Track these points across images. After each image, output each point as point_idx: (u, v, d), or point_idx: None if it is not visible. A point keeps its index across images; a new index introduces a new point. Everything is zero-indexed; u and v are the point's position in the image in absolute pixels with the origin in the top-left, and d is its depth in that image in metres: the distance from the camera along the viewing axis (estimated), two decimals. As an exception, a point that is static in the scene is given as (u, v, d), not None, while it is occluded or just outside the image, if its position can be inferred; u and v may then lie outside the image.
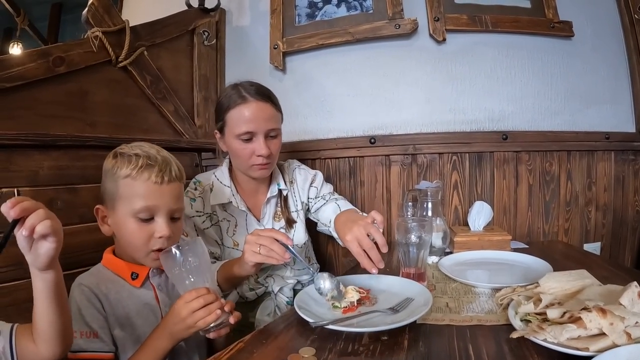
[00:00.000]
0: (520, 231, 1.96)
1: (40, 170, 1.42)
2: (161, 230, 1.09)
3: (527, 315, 0.88)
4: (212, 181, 1.59)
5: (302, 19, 2.09)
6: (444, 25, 1.92)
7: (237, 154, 1.50)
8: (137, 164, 1.08)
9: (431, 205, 1.59)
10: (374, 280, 1.21)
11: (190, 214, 1.51)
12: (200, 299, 0.99)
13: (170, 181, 1.12)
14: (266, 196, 1.61)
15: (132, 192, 1.09)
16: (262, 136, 1.46)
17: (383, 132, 1.99)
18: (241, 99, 1.46)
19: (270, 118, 1.49)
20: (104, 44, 1.66)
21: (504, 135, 1.91)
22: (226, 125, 1.50)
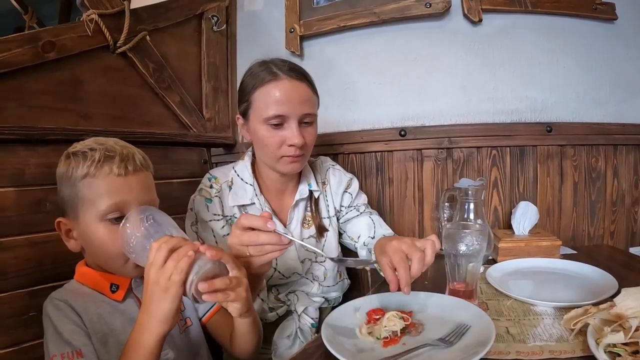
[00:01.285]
0: (564, 234, 1.81)
1: (26, 169, 1.32)
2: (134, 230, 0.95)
3: (613, 346, 0.72)
4: (230, 177, 1.39)
5: (320, 0, 1.94)
6: (479, 4, 1.76)
7: (263, 142, 1.28)
8: (93, 159, 0.96)
9: (473, 207, 1.39)
10: (414, 300, 1.04)
11: (206, 218, 1.32)
12: (162, 246, 0.82)
13: (135, 171, 0.99)
14: (294, 198, 1.42)
15: (94, 192, 0.96)
16: (295, 121, 1.25)
17: (414, 123, 1.84)
18: (272, 75, 1.24)
19: (306, 100, 1.28)
20: (100, 28, 1.52)
21: (549, 127, 1.76)
22: (252, 107, 1.28)
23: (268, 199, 1.40)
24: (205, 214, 1.32)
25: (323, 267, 1.47)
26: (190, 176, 1.82)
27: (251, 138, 1.36)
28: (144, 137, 1.65)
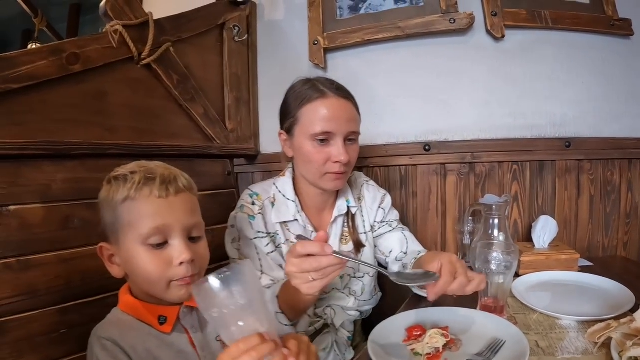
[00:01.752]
0: (580, 245, 1.90)
1: (52, 184, 1.33)
2: (180, 254, 0.96)
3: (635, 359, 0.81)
4: (272, 194, 1.43)
5: (344, 12, 2.01)
6: (502, 21, 1.84)
7: (308, 158, 1.32)
8: (134, 182, 0.96)
9: (498, 222, 1.51)
10: (450, 316, 1.13)
11: (250, 236, 1.35)
12: (252, 353, 0.74)
13: (177, 192, 0.99)
14: (332, 214, 1.47)
15: (134, 216, 0.96)
16: (341, 139, 1.30)
17: (438, 138, 1.92)
18: (319, 93, 1.31)
19: (352, 119, 1.34)
20: (125, 39, 1.55)
21: (567, 143, 1.85)
22: (298, 123, 1.33)
23: (308, 215, 1.44)
24: (249, 232, 1.35)
25: (361, 283, 1.52)
26: (214, 188, 1.86)
27: (294, 154, 1.40)
28: (170, 151, 1.70)
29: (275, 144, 2.00)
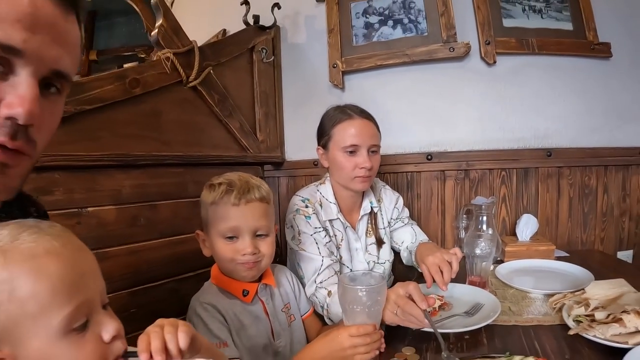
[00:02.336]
0: (561, 240, 2.27)
1: (122, 189, 1.62)
2: (244, 248, 1.30)
3: (578, 316, 1.18)
4: (319, 198, 1.80)
5: (359, 39, 2.38)
6: (494, 49, 2.21)
7: (341, 166, 1.72)
8: (219, 191, 1.30)
9: (486, 219, 1.87)
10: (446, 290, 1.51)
11: (310, 232, 1.69)
12: (366, 337, 1.08)
13: (248, 202, 1.30)
14: (360, 213, 1.88)
15: (217, 216, 1.31)
16: (365, 150, 1.69)
17: (438, 149, 2.29)
18: (347, 116, 1.71)
19: (373, 135, 1.73)
20: (175, 65, 1.83)
21: (548, 152, 2.21)
22: (332, 139, 1.73)
23: (344, 214, 1.83)
24: (308, 229, 1.69)
25: (382, 267, 1.91)
26: (249, 191, 2.23)
27: (329, 164, 1.79)
28: (213, 160, 2.03)
29: (297, 152, 2.46)
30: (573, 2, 2.27)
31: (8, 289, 0.61)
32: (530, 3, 2.29)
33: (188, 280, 1.82)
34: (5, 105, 0.66)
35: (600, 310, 1.14)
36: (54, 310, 0.63)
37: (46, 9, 0.68)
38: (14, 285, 0.62)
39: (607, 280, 1.34)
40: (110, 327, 0.70)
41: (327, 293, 1.59)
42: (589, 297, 1.23)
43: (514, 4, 2.29)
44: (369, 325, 1.11)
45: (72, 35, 0.74)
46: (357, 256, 1.86)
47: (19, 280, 0.62)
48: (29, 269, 0.63)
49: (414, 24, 2.32)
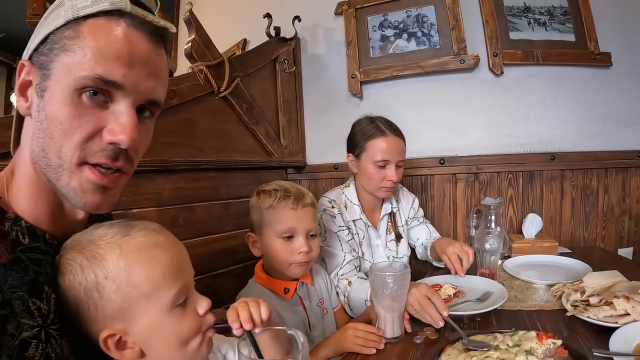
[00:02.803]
0: (564, 238, 2.45)
1: (163, 192, 1.76)
2: (301, 247, 1.45)
3: (575, 301, 1.35)
4: (344, 200, 1.99)
5: (376, 51, 2.58)
6: (501, 60, 2.41)
7: (370, 177, 1.91)
8: (276, 197, 1.46)
9: (494, 218, 2.09)
10: (459, 280, 1.72)
11: (334, 230, 1.88)
12: (369, 335, 1.29)
13: (304, 206, 1.47)
14: (381, 213, 2.08)
15: (274, 219, 1.46)
16: (394, 165, 1.88)
17: (450, 153, 2.50)
18: (381, 132, 1.88)
19: (402, 151, 1.93)
20: (208, 77, 1.98)
21: (552, 157, 2.41)
22: (365, 151, 1.91)
23: (366, 215, 2.03)
24: (334, 227, 1.88)
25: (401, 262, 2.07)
26: (274, 194, 2.40)
27: (358, 172, 1.97)
28: (243, 164, 2.22)
29: (318, 156, 2.67)
30: (575, 15, 2.45)
31: (126, 275, 0.77)
32: (535, 16, 2.48)
33: (221, 276, 1.98)
34: (109, 132, 0.76)
35: (594, 296, 1.33)
36: (164, 291, 0.80)
37: (141, 45, 0.78)
38: (131, 272, 0.77)
39: (603, 272, 1.53)
40: (204, 303, 0.86)
41: (347, 283, 1.79)
42: (585, 286, 1.42)
43: (520, 18, 2.48)
44: (375, 328, 1.32)
45: (162, 67, 0.84)
46: (378, 252, 2.08)
47: (135, 268, 0.77)
48: (144, 258, 0.79)
49: (427, 37, 2.53)
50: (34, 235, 0.79)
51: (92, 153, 0.77)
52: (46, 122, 0.75)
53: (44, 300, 0.76)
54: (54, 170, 0.77)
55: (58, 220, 0.84)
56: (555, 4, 2.47)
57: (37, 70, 0.76)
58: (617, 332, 1.12)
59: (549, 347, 1.06)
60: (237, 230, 2.10)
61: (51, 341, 0.75)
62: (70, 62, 0.73)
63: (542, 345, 1.06)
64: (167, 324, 0.81)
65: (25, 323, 0.70)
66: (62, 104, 0.74)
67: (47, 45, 0.75)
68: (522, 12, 2.48)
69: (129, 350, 0.80)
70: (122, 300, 0.77)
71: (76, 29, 0.74)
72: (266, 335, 0.93)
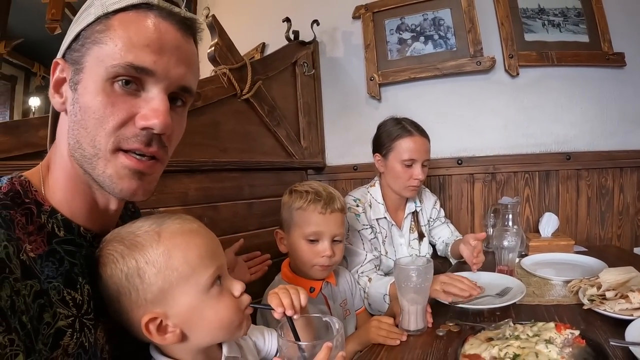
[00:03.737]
0: (580, 237, 2.49)
1: (188, 192, 1.80)
2: (324, 251, 1.49)
3: (592, 296, 1.37)
4: (369, 199, 2.06)
5: (393, 54, 2.65)
6: (517, 62, 2.46)
7: (398, 175, 1.98)
8: (307, 199, 1.50)
9: (511, 217, 2.16)
10: (479, 276, 1.76)
11: (358, 228, 1.94)
12: (392, 328, 1.32)
13: (332, 212, 1.51)
14: (405, 212, 2.14)
15: (302, 220, 1.50)
16: (419, 164, 1.95)
17: (467, 154, 2.56)
18: (408, 133, 1.96)
19: (427, 150, 2.00)
20: (231, 80, 2.03)
21: (568, 156, 2.45)
22: (392, 151, 1.97)
23: (389, 213, 2.09)
24: (357, 225, 1.94)
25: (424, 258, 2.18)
26: (295, 194, 2.46)
27: (385, 171, 2.04)
28: (265, 165, 2.27)
29: (337, 157, 2.74)
30: (589, 16, 2.49)
31: (165, 259, 0.81)
32: (550, 18, 2.52)
33: None
34: (141, 118, 0.78)
35: (610, 290, 1.38)
36: (202, 271, 0.84)
37: (170, 34, 0.80)
38: (170, 255, 0.81)
39: (618, 268, 1.57)
40: (239, 285, 0.91)
41: (367, 280, 1.86)
42: (601, 281, 1.47)
43: (535, 20, 2.53)
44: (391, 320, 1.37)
45: (192, 55, 0.86)
46: (401, 250, 2.14)
47: (173, 251, 0.82)
48: (180, 242, 0.83)
49: (443, 39, 2.59)
50: (69, 228, 0.82)
51: (125, 139, 0.79)
52: (80, 114, 0.77)
53: (78, 290, 0.79)
54: (89, 160, 0.79)
55: (92, 213, 0.87)
56: (569, 5, 2.51)
57: (70, 66, 0.79)
58: (632, 324, 1.16)
59: (567, 337, 1.10)
60: (261, 229, 2.14)
61: (85, 331, 0.78)
62: (102, 53, 0.76)
63: (561, 335, 1.10)
64: (206, 305, 0.85)
65: (60, 312, 0.74)
66: (95, 94, 0.76)
67: (79, 42, 0.78)
68: (537, 14, 2.53)
69: (170, 334, 0.83)
70: (163, 283, 0.81)
71: (106, 22, 0.77)
72: (301, 322, 1.00)
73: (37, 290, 0.71)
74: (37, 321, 0.69)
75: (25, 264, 0.71)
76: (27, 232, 0.75)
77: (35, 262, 0.73)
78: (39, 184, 0.83)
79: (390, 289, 1.73)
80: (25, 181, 0.81)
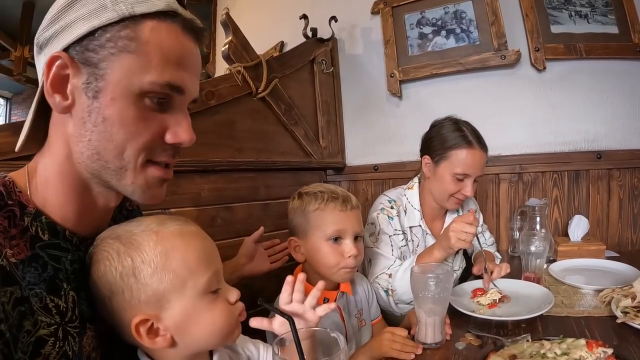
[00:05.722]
0: (611, 241, 2.36)
1: (202, 192, 1.77)
2: (350, 250, 1.41)
3: (626, 308, 1.31)
4: (405, 203, 1.94)
5: (414, 50, 2.56)
6: (543, 55, 2.35)
7: (445, 187, 1.83)
8: (323, 198, 1.44)
9: (539, 219, 2.04)
10: (504, 284, 1.67)
11: (390, 232, 1.83)
12: (406, 341, 1.28)
13: (352, 209, 1.46)
14: (443, 222, 2.00)
15: (323, 221, 1.43)
16: (472, 180, 1.81)
17: (492, 153, 2.35)
18: (468, 144, 1.78)
19: (484, 167, 1.84)
20: (246, 78, 1.98)
21: (598, 155, 2.33)
22: (446, 159, 1.80)
23: (426, 221, 1.94)
24: (389, 229, 1.82)
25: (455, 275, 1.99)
26: (314, 195, 2.41)
27: (431, 177, 1.88)
28: (282, 165, 2.22)
29: (357, 157, 2.68)
30: (617, 6, 2.37)
31: (162, 260, 0.80)
32: (576, 8, 2.41)
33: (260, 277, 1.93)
34: (173, 135, 0.81)
35: None
36: (199, 275, 0.83)
37: (192, 49, 0.82)
38: (168, 256, 0.80)
39: None
40: (234, 293, 0.90)
41: (387, 276, 1.75)
42: (636, 291, 1.37)
43: (561, 10, 2.41)
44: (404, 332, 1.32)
45: (200, 66, 0.87)
46: None
47: (171, 253, 0.81)
48: (179, 244, 0.83)
49: (466, 33, 2.49)
50: (54, 232, 0.80)
51: (156, 153, 0.82)
52: (103, 125, 0.76)
53: (62, 297, 0.77)
54: (114, 171, 0.80)
55: (84, 216, 0.85)
56: (596, -5, 2.38)
57: (82, 66, 0.75)
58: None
59: (599, 357, 1.02)
60: (277, 230, 2.07)
61: (68, 339, 0.76)
62: (133, 65, 0.75)
63: (592, 355, 1.03)
64: (200, 309, 0.83)
65: (42, 320, 0.72)
66: (126, 108, 0.75)
67: (95, 41, 0.74)
68: (563, 5, 2.41)
69: (161, 337, 0.81)
70: (158, 284, 0.80)
71: (134, 28, 0.75)
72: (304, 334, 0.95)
73: (18, 297, 0.70)
74: (17, 329, 0.68)
75: (5, 270, 0.69)
76: (8, 236, 0.73)
77: (16, 267, 0.71)
78: (24, 185, 0.81)
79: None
80: (9, 181, 0.79)
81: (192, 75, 0.83)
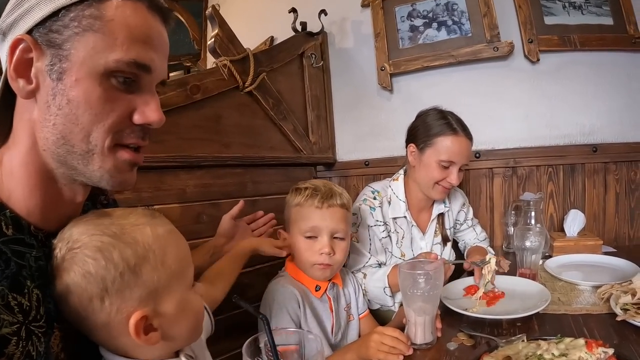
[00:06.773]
0: (608, 236, 2.31)
1: (187, 188, 1.75)
2: (322, 247, 1.42)
3: (625, 304, 1.26)
4: (389, 194, 1.91)
5: (405, 42, 2.49)
6: (537, 47, 2.29)
7: (431, 175, 1.80)
8: (304, 194, 1.46)
9: (534, 214, 1.99)
10: (499, 281, 1.60)
11: (370, 223, 1.82)
12: (395, 341, 1.20)
13: (330, 206, 1.45)
14: (432, 213, 1.97)
15: (300, 216, 1.46)
16: (457, 167, 1.79)
17: (486, 147, 2.38)
18: (453, 131, 1.77)
19: (469, 155, 1.85)
20: (232, 72, 1.95)
21: (594, 148, 2.27)
22: (431, 146, 1.79)
23: (412, 213, 1.92)
24: (370, 220, 1.81)
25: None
26: (304, 190, 2.35)
27: (416, 165, 1.86)
28: (271, 161, 2.18)
29: (348, 153, 2.61)
30: None
31: (160, 255, 0.79)
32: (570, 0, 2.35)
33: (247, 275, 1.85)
34: (141, 115, 0.79)
35: None
36: (188, 269, 0.86)
37: (159, 28, 0.80)
38: (165, 252, 0.80)
39: None
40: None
41: (362, 276, 1.75)
42: (636, 287, 1.31)
43: (554, 1, 2.34)
44: (403, 335, 1.23)
45: (168, 47, 0.85)
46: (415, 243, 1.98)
47: (167, 249, 0.81)
48: (172, 240, 0.84)
49: (457, 25, 2.42)
50: (19, 226, 0.76)
51: (124, 135, 0.79)
52: (68, 107, 0.73)
53: (25, 295, 0.72)
54: (81, 156, 0.76)
55: (51, 210, 0.82)
56: (590, -15, 2.33)
57: (46, 48, 0.72)
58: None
59: (599, 357, 0.97)
60: (266, 227, 2.02)
61: (32, 339, 0.72)
62: (98, 44, 0.72)
63: (592, 355, 0.97)
64: (189, 302, 0.85)
65: (4, 319, 0.68)
66: (91, 88, 0.73)
67: (58, 22, 0.71)
68: (556, -5, 2.33)
69: (154, 333, 0.80)
70: (157, 280, 0.79)
71: (99, 6, 0.72)
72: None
73: None
74: None
75: None
76: None
77: None
78: None
79: (390, 279, 1.67)
80: None
81: (160, 54, 0.80)
